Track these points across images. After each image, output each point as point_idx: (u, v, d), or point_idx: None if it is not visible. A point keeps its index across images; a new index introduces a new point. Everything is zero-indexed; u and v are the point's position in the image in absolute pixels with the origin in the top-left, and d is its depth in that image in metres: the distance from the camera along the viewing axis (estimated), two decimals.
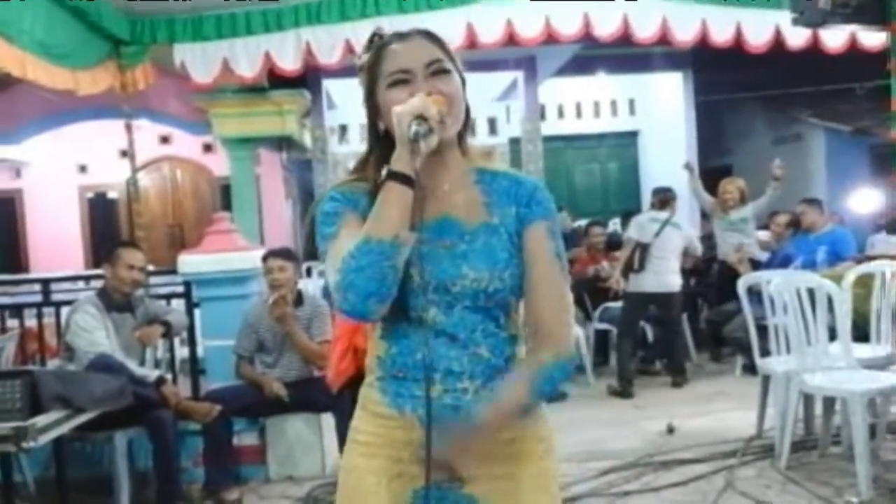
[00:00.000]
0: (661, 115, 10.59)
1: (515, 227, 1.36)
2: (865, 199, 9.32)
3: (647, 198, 10.48)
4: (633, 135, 11.39)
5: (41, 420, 2.79)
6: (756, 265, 5.98)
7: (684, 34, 5.86)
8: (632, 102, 11.23)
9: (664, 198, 6.08)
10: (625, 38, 5.90)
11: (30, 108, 8.35)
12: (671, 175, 10.19)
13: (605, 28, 5.76)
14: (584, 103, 11.17)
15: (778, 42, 5.75)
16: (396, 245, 1.23)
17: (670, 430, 4.43)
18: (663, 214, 5.94)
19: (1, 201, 9.78)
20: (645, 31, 5.81)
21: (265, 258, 4.14)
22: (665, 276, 5.70)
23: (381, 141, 1.36)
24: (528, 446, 1.37)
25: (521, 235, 1.35)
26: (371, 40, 2.39)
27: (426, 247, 1.31)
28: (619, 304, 5.97)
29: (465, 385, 1.31)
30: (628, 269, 5.77)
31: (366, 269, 1.22)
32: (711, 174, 9.46)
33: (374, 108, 1.38)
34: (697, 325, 6.78)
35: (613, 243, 6.84)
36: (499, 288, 1.31)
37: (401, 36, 1.37)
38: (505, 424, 1.31)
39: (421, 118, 1.24)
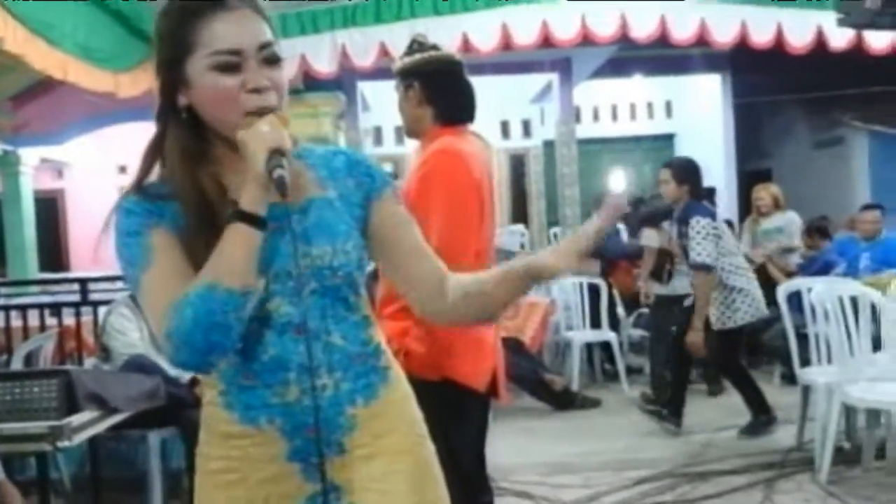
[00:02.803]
0: (699, 117, 10.44)
1: (359, 198, 1.28)
2: None
3: None
4: (669, 137, 11.25)
5: (76, 419, 2.82)
6: (790, 275, 5.80)
7: (723, 35, 5.78)
8: (668, 105, 11.09)
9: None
10: (662, 40, 5.83)
11: (72, 110, 8.51)
12: (709, 177, 10.04)
13: (642, 29, 5.71)
14: (620, 105, 11.06)
15: (820, 43, 5.63)
16: (247, 294, 1.11)
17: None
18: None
19: (44, 201, 9.96)
20: (683, 32, 5.74)
21: None
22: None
23: (181, 121, 1.20)
24: (403, 436, 1.27)
25: (366, 207, 1.28)
26: (411, 46, 2.39)
27: None
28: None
29: (324, 381, 1.19)
30: (658, 276, 5.52)
31: (207, 319, 1.08)
32: (750, 178, 9.31)
33: (177, 82, 1.19)
34: None
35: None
36: (343, 262, 1.21)
37: (223, 3, 1.17)
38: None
39: (278, 152, 1.11)
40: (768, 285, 4.99)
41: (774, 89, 10.15)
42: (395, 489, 1.23)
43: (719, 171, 9.92)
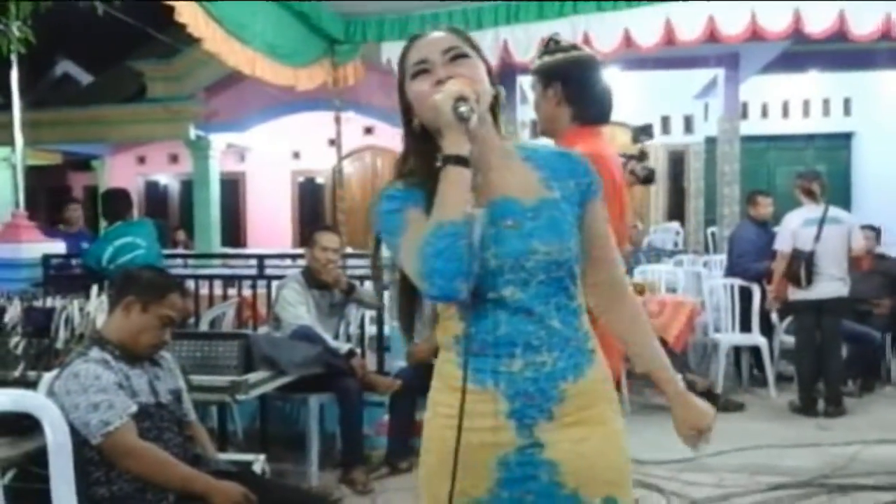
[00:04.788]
0: (882, 116, 9.72)
1: (577, 198, 1.46)
2: None
3: (858, 204, 9.73)
4: (846, 136, 10.54)
5: (252, 377, 3.21)
6: None
7: None
8: (847, 102, 10.38)
9: (810, 187, 5.26)
10: (841, 34, 5.52)
11: (254, 100, 9.29)
12: (890, 181, 9.36)
13: (818, 24, 5.42)
14: (791, 102, 10.49)
15: None
16: (468, 222, 1.30)
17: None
18: (817, 209, 5.22)
19: (228, 182, 10.91)
20: (864, 26, 5.40)
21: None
22: (831, 283, 5.08)
23: (417, 136, 1.44)
24: (601, 410, 1.45)
25: (582, 206, 1.46)
26: (547, 45, 2.44)
27: (493, 229, 1.38)
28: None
29: (544, 358, 1.39)
30: (793, 283, 5.14)
31: (444, 251, 1.29)
32: None
33: (407, 105, 1.45)
34: None
35: None
36: (567, 258, 1.40)
37: (423, 34, 1.46)
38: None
39: (461, 99, 1.32)
40: None
41: None
42: (589, 451, 1.43)
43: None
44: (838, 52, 8.09)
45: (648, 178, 3.67)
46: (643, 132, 4.02)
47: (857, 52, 7.87)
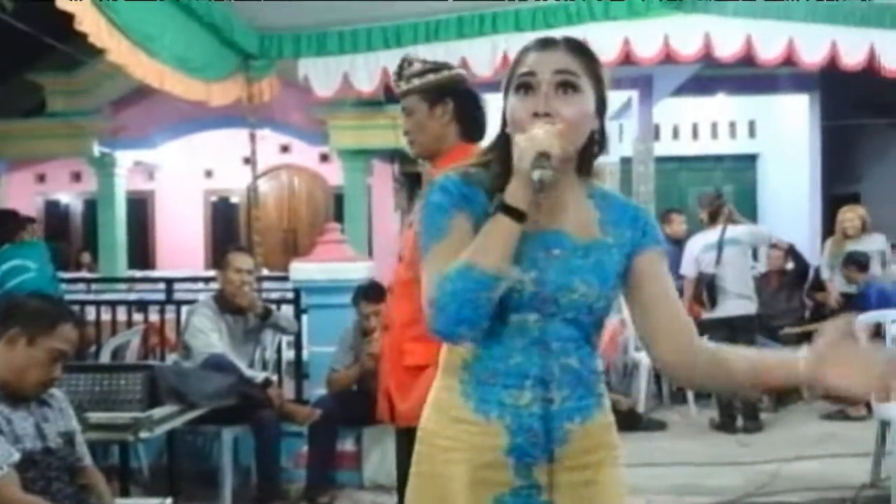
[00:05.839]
0: (784, 138, 10.15)
1: (629, 249, 1.39)
2: None
3: (765, 223, 10.09)
4: (752, 158, 10.96)
5: (158, 412, 2.99)
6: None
7: (812, 56, 5.60)
8: (752, 124, 10.81)
9: (713, 208, 5.44)
10: (748, 59, 5.70)
11: (164, 116, 8.92)
12: (794, 201, 9.76)
13: (727, 48, 5.58)
14: (701, 124, 10.84)
15: None
16: (499, 279, 1.25)
17: None
18: (715, 232, 5.38)
19: (135, 201, 10.45)
20: (770, 51, 5.59)
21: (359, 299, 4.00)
22: (738, 301, 5.23)
23: (506, 140, 1.36)
24: (605, 454, 1.39)
25: (630, 258, 1.39)
26: (410, 64, 2.31)
27: (540, 253, 1.33)
28: None
29: (553, 395, 1.33)
30: (699, 306, 5.24)
31: (462, 295, 1.23)
32: (837, 202, 8.96)
33: (505, 111, 1.39)
34: None
35: None
36: (602, 306, 1.35)
37: (545, 43, 1.37)
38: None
39: (544, 156, 1.24)
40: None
41: (866, 112, 9.79)
42: (589, 497, 1.37)
43: (803, 194, 9.61)
44: (743, 77, 8.42)
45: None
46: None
47: (762, 76, 8.21)
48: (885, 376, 1.22)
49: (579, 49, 1.36)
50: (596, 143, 1.41)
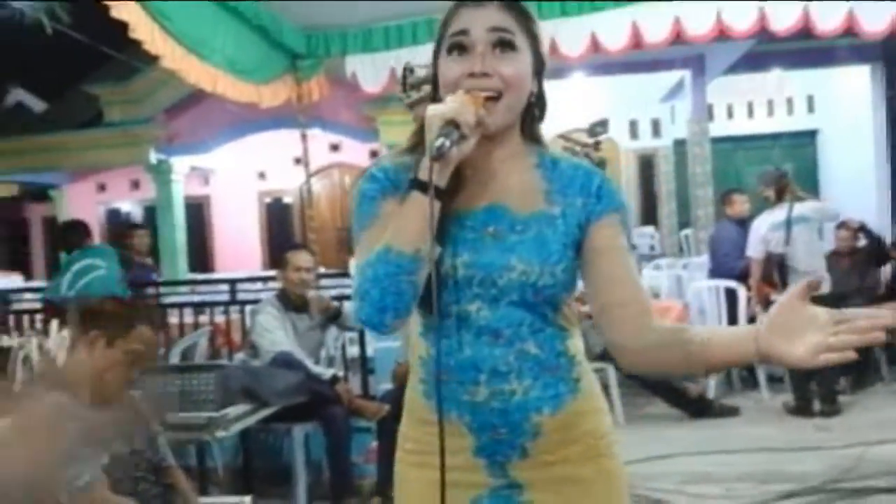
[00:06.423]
0: (845, 112, 9.80)
1: (580, 218, 1.26)
2: None
3: (828, 200, 9.79)
4: (811, 134, 10.63)
5: (231, 411, 3.01)
6: None
7: (874, 24, 5.39)
8: (810, 99, 10.47)
9: (779, 186, 5.24)
10: (805, 32, 5.51)
11: (217, 120, 9.06)
12: (857, 177, 9.42)
13: (783, 21, 5.41)
14: (756, 101, 10.55)
15: None
16: (417, 259, 1.15)
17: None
18: (783, 211, 5.18)
19: (193, 206, 10.65)
20: (828, 23, 5.40)
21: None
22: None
23: None
24: (590, 445, 1.27)
25: (584, 228, 1.26)
26: (412, 71, 2.24)
27: (471, 234, 1.23)
28: None
29: (513, 386, 1.22)
30: (770, 287, 5.10)
31: (383, 280, 1.16)
32: None
33: (437, 76, 1.27)
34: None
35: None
36: (548, 283, 1.22)
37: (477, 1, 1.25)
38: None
39: (452, 124, 1.14)
40: None
41: None
42: (576, 494, 1.26)
43: (868, 170, 9.27)
44: (799, 51, 8.14)
45: (601, 167, 3.72)
46: (599, 125, 4.18)
47: (818, 49, 7.92)
48: (817, 343, 1.08)
49: (513, 5, 1.26)
50: (535, 105, 1.30)
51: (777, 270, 5.08)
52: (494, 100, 1.21)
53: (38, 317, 4.61)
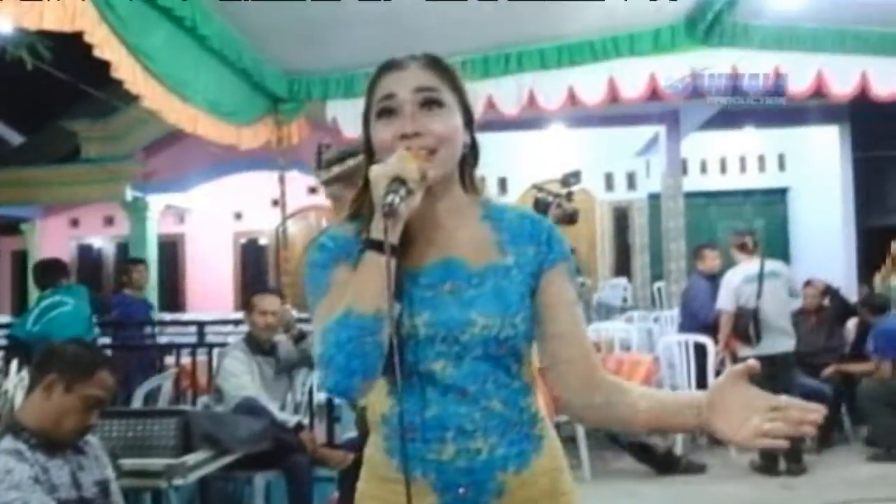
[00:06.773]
0: (815, 171, 10.03)
1: (533, 267, 1.27)
2: None
3: (797, 257, 9.95)
4: (782, 192, 10.84)
5: (191, 458, 2.94)
6: None
7: (842, 87, 5.56)
8: (781, 157, 10.72)
9: (743, 243, 5.31)
10: (776, 92, 5.66)
11: (195, 160, 9.06)
12: (826, 234, 9.60)
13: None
14: (729, 158, 10.77)
15: None
16: (378, 319, 1.15)
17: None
18: (755, 265, 5.25)
19: (166, 245, 10.57)
20: (799, 84, 5.56)
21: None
22: (779, 337, 5.09)
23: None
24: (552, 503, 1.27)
25: (537, 277, 1.27)
26: (326, 149, 2.29)
27: (429, 293, 1.23)
28: None
29: (479, 445, 1.22)
30: (743, 342, 5.13)
31: (346, 345, 1.14)
32: (872, 234, 8.80)
33: (370, 141, 1.28)
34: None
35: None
36: (510, 335, 1.23)
37: (396, 64, 1.27)
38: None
39: (398, 181, 1.15)
40: None
41: None
42: None
43: (836, 228, 9.46)
44: (773, 109, 8.35)
45: (573, 217, 3.86)
46: (572, 176, 4.20)
47: (790, 108, 8.13)
48: (755, 427, 1.13)
49: (434, 63, 1.27)
50: (469, 155, 1.31)
51: (752, 325, 5.10)
52: (432, 153, 1.23)
53: (1, 354, 4.52)
